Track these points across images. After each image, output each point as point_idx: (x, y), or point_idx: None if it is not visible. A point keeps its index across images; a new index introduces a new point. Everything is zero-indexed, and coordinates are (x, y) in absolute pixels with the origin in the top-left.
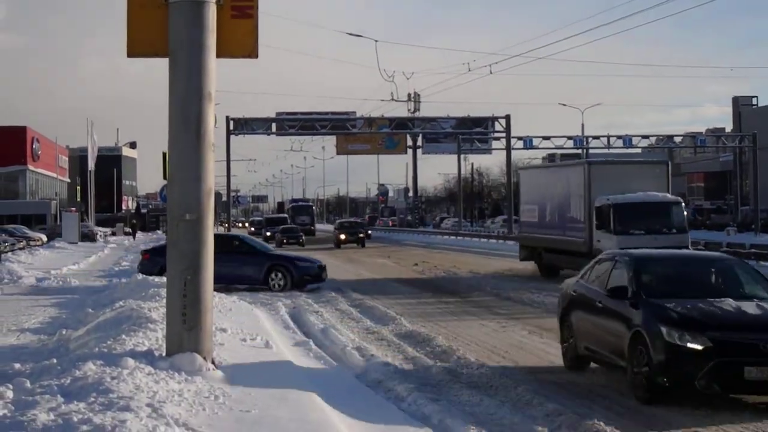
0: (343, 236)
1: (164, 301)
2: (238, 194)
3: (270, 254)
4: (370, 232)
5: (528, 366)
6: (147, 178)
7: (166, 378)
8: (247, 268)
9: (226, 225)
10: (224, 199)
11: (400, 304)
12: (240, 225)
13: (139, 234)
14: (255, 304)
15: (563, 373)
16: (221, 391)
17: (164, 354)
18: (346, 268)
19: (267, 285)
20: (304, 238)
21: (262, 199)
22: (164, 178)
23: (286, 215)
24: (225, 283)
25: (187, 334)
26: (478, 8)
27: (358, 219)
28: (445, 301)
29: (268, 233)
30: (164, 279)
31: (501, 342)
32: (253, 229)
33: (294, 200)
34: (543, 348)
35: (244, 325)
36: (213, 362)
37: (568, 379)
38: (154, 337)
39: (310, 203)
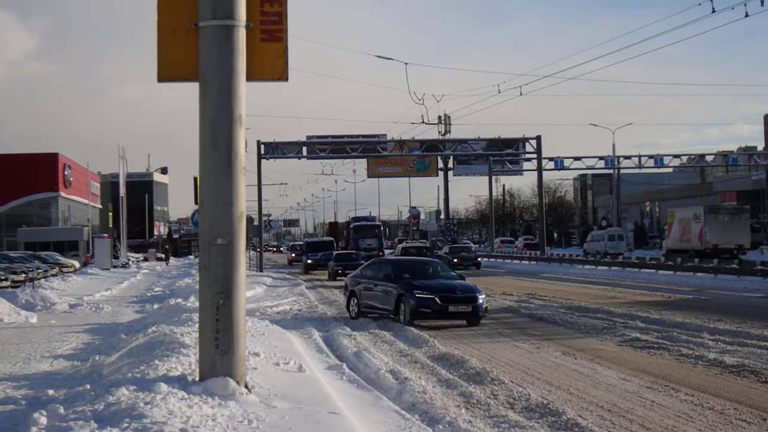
0: None
1: (197, 326)
2: (270, 218)
3: (406, 282)
4: (479, 259)
5: None
6: (178, 203)
7: (199, 403)
8: (382, 296)
9: (258, 250)
10: (256, 223)
11: (432, 326)
12: (273, 250)
13: (171, 259)
14: (288, 328)
15: None
16: (255, 415)
17: (197, 379)
18: None
19: (398, 316)
20: None
21: (293, 223)
22: (195, 202)
23: (331, 239)
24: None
25: (220, 358)
26: (507, 30)
27: (428, 242)
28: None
29: (310, 260)
30: (197, 303)
31: None
32: (293, 255)
33: (357, 219)
34: None
35: (277, 349)
36: (246, 386)
37: None
38: (187, 362)
39: (378, 222)
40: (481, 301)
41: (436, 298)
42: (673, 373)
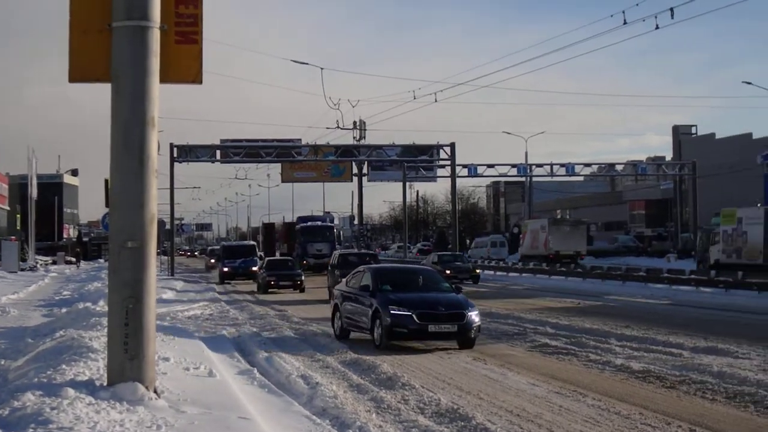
0: None
1: (106, 330)
2: (182, 222)
3: (383, 295)
4: (478, 271)
5: None
6: (89, 205)
7: (107, 408)
8: (361, 311)
9: (170, 254)
10: (168, 227)
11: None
12: (187, 254)
13: (81, 262)
14: (199, 332)
15: None
16: (164, 420)
17: (106, 384)
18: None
19: (374, 335)
20: (303, 277)
21: (206, 227)
22: (106, 205)
23: (253, 243)
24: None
25: (129, 363)
26: (423, 38)
27: (373, 248)
28: None
29: (227, 268)
30: (107, 307)
31: None
32: (212, 260)
33: (305, 218)
34: None
35: (188, 353)
36: (156, 391)
37: None
38: (96, 367)
39: (332, 224)
40: (470, 318)
41: (414, 316)
42: (581, 378)
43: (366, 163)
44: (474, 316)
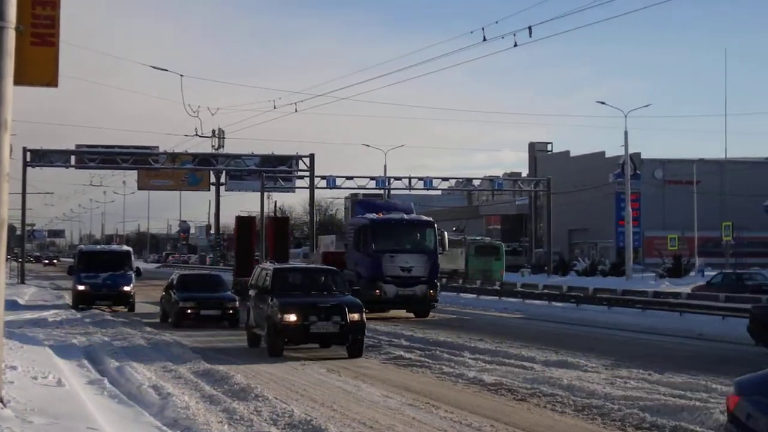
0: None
1: None
2: (34, 228)
3: None
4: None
5: None
6: None
7: None
8: None
9: (20, 261)
10: (18, 232)
11: (199, 342)
12: (46, 261)
13: None
14: (49, 341)
15: None
16: (9, 431)
17: None
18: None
19: None
20: (237, 304)
21: (59, 233)
22: None
23: (128, 249)
24: None
25: None
26: (285, 49)
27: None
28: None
29: (83, 286)
30: None
31: None
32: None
33: (367, 205)
34: None
35: (36, 362)
36: (2, 401)
37: None
38: None
39: (428, 219)
40: None
41: None
42: (435, 390)
43: (224, 172)
44: None
